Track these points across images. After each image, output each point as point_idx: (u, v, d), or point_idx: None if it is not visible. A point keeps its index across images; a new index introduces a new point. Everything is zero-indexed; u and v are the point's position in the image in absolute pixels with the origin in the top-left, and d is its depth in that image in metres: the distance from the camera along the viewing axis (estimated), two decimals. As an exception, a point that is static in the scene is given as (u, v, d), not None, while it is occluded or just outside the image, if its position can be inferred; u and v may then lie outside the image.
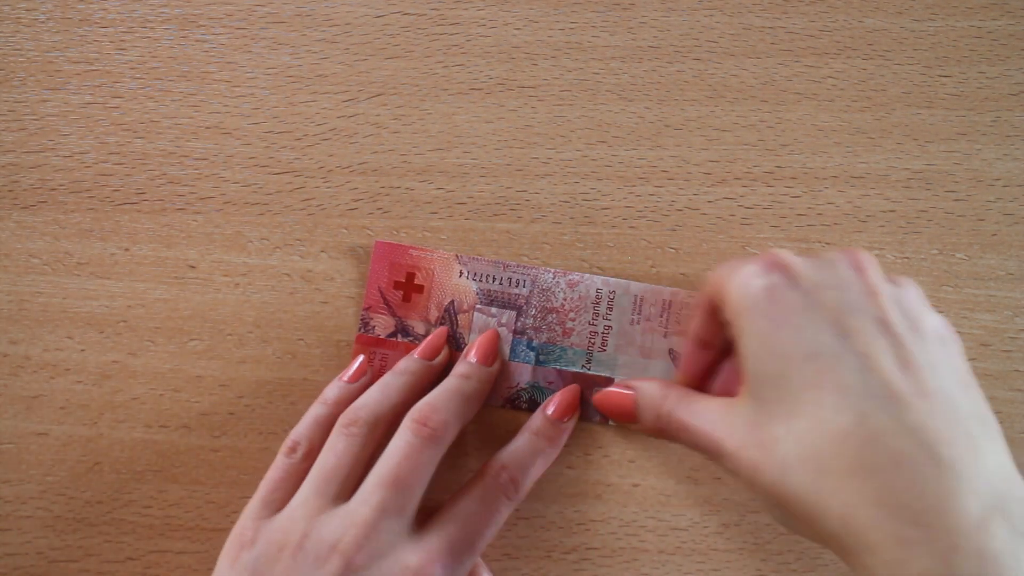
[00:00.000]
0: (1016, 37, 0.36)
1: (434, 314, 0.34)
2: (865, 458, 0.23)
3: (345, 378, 0.33)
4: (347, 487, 0.29)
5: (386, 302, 0.34)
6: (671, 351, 0.34)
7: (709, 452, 0.28)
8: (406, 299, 0.34)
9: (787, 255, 0.28)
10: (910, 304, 0.27)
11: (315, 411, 0.32)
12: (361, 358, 0.34)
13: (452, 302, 0.34)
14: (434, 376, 0.33)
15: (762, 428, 0.25)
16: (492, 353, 0.33)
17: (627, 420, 0.32)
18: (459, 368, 0.33)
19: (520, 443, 0.32)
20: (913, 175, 0.35)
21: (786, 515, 0.25)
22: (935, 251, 0.35)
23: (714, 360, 0.31)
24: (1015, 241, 0.35)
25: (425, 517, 0.30)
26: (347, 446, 0.29)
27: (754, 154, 0.36)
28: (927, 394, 0.24)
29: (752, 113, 0.36)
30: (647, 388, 0.31)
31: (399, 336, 0.34)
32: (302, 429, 0.31)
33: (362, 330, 0.34)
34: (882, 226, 0.35)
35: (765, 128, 0.36)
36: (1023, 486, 0.24)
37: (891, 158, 0.35)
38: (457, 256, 0.34)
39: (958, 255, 0.35)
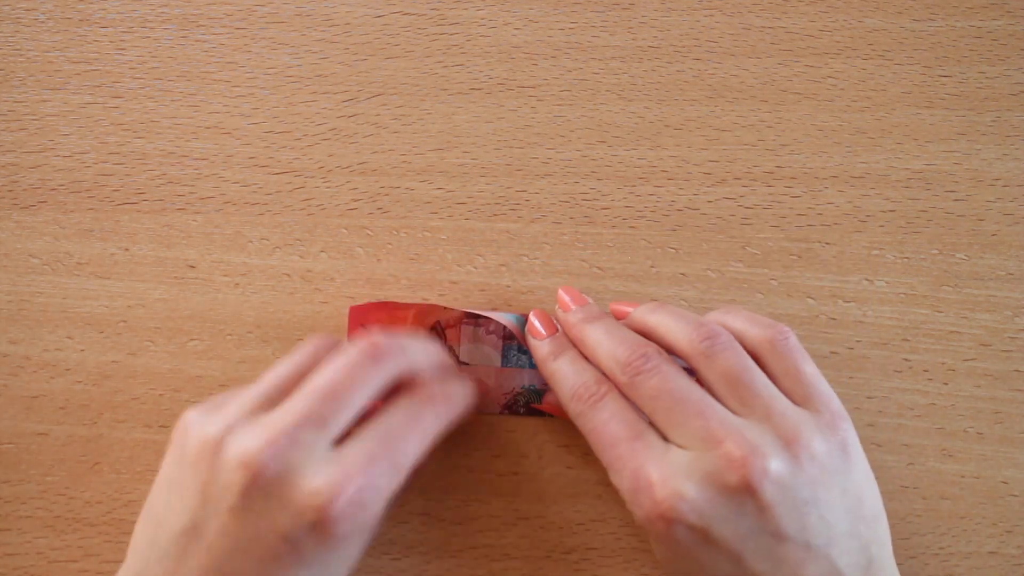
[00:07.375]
0: (1016, 37, 0.36)
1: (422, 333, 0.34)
2: None
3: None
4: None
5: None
6: None
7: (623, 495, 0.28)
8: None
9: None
10: (801, 490, 0.26)
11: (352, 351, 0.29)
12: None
13: (438, 321, 0.34)
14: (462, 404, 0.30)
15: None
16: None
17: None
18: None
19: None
20: (913, 175, 0.35)
21: None
22: (935, 251, 0.35)
23: None
24: (1015, 241, 0.35)
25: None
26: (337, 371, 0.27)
27: (754, 154, 0.36)
28: None
29: (752, 113, 0.36)
30: (564, 391, 0.30)
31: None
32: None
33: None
34: (882, 226, 0.35)
35: (765, 128, 0.36)
36: None
37: (891, 158, 0.35)
38: (430, 307, 0.33)
39: (958, 255, 0.35)
